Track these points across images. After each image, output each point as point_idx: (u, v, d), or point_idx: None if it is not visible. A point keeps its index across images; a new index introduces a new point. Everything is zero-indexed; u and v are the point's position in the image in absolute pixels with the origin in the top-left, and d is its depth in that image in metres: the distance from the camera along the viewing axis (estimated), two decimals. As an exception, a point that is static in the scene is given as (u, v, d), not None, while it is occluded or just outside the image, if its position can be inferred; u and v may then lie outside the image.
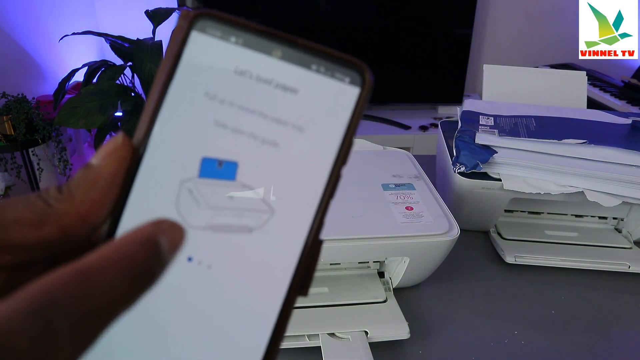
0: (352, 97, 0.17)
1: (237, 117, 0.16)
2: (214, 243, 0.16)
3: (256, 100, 0.16)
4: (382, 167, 0.61)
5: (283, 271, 0.16)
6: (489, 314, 0.54)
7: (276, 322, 0.16)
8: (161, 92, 0.16)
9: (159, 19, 1.30)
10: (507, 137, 0.63)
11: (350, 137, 0.17)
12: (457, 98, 2.00)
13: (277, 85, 0.16)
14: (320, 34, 1.93)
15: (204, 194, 0.16)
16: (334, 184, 0.17)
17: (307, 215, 0.17)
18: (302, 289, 0.17)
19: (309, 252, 0.17)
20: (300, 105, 0.16)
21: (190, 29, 0.16)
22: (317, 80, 0.16)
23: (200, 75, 0.16)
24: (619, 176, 0.57)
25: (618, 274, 0.60)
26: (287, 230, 0.16)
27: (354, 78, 0.16)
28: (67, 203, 0.15)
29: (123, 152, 0.16)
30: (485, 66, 0.82)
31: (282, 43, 0.16)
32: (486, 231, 0.68)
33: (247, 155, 0.16)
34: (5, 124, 1.36)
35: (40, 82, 1.63)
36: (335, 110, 0.17)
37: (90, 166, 0.16)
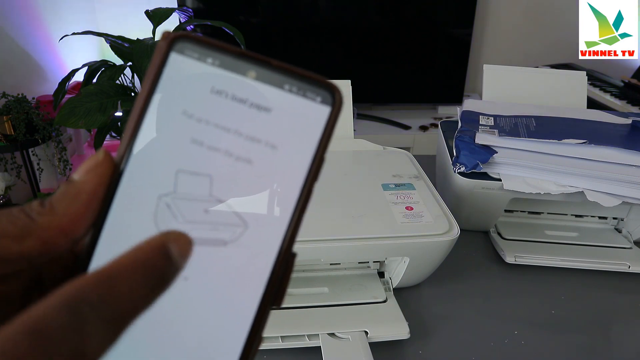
0: (323, 116, 0.17)
1: (212, 135, 0.17)
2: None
3: (231, 119, 0.17)
4: (382, 167, 0.61)
5: (256, 283, 0.17)
6: (489, 314, 0.54)
7: (249, 332, 0.17)
8: (141, 111, 0.17)
9: (158, 19, 1.30)
10: (507, 137, 0.63)
11: (321, 154, 0.17)
12: (457, 98, 2.00)
13: (251, 105, 0.17)
14: (320, 34, 1.93)
15: (181, 208, 0.17)
16: (305, 199, 0.17)
17: (279, 230, 0.17)
18: (275, 301, 0.17)
19: (281, 265, 0.17)
20: (274, 123, 0.17)
21: (169, 50, 0.17)
22: (290, 99, 0.17)
23: (178, 94, 0.17)
24: (619, 176, 0.57)
25: (618, 274, 0.60)
26: (260, 244, 0.17)
27: (325, 98, 0.17)
28: (49, 217, 0.16)
29: (104, 168, 0.17)
30: (485, 66, 0.82)
31: (256, 64, 0.17)
32: (486, 231, 0.68)
33: (222, 172, 0.17)
34: (5, 124, 1.36)
35: (40, 82, 1.63)
36: (306, 128, 0.17)
37: (72, 181, 0.17)
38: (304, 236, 0.47)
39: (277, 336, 0.47)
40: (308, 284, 0.54)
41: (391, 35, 1.94)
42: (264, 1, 1.87)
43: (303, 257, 0.49)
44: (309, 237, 0.47)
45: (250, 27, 1.87)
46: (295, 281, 0.54)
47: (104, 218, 0.17)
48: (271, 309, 0.17)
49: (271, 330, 0.47)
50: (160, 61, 0.17)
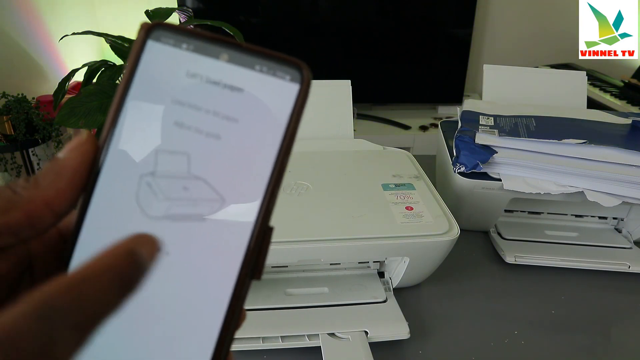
0: (292, 93, 0.18)
1: (189, 115, 0.18)
2: (171, 231, 0.18)
3: (206, 100, 0.18)
4: (382, 167, 0.61)
5: (234, 256, 0.18)
6: (489, 314, 0.54)
7: (229, 304, 0.18)
8: (122, 94, 0.18)
9: (158, 18, 1.30)
10: (507, 137, 0.63)
11: (292, 129, 0.18)
12: (457, 98, 2.00)
13: (224, 86, 0.18)
14: (320, 34, 1.93)
15: (161, 186, 0.18)
16: (279, 173, 0.18)
17: (254, 204, 0.18)
18: (254, 273, 0.18)
19: (258, 237, 0.18)
20: (246, 102, 0.18)
21: (146, 38, 0.18)
22: (261, 79, 0.18)
23: (156, 79, 0.18)
24: (619, 176, 0.57)
25: (618, 274, 0.60)
26: (236, 218, 0.18)
27: (294, 76, 0.18)
28: (33, 190, 0.17)
29: (87, 147, 0.18)
30: (485, 66, 0.82)
31: (228, 47, 0.18)
32: (486, 231, 0.68)
33: (199, 150, 0.18)
34: (5, 124, 1.36)
35: (40, 82, 1.63)
36: (277, 105, 0.18)
37: (57, 159, 0.17)
38: (304, 236, 0.47)
39: (277, 336, 0.47)
40: (308, 284, 0.54)
41: (391, 35, 1.94)
42: (264, 1, 1.87)
43: (303, 257, 0.49)
44: (309, 237, 0.47)
45: (250, 27, 1.87)
46: (295, 281, 0.54)
47: (90, 197, 0.18)
48: (250, 281, 0.18)
49: (271, 330, 0.47)
50: (138, 49, 0.18)
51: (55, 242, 0.19)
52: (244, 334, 0.46)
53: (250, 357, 0.47)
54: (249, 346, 0.46)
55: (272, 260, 0.51)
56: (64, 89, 1.27)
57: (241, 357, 0.47)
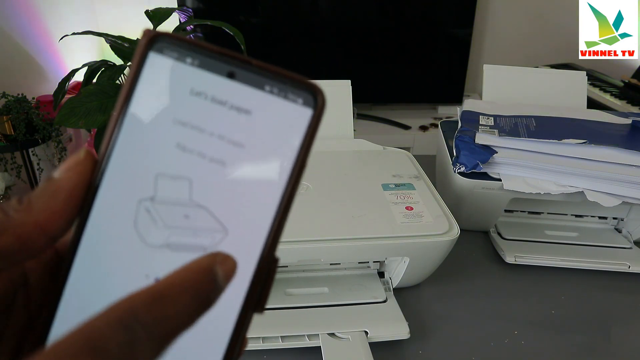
0: (305, 118, 0.17)
1: (192, 138, 0.17)
2: (170, 261, 0.17)
3: (211, 122, 0.17)
4: (382, 167, 0.61)
5: (237, 288, 0.17)
6: (489, 314, 0.54)
7: (231, 337, 0.17)
8: (121, 111, 0.17)
9: (159, 19, 1.30)
10: (507, 137, 0.63)
11: (303, 158, 0.17)
12: (457, 98, 2.00)
13: (231, 107, 0.17)
14: (320, 34, 1.93)
15: (161, 213, 0.17)
16: (287, 204, 0.17)
17: (260, 235, 0.17)
18: (257, 307, 0.17)
19: (263, 270, 0.17)
20: (254, 126, 0.17)
21: (147, 50, 0.17)
22: (271, 101, 0.17)
23: (157, 95, 0.17)
24: (619, 176, 0.57)
25: (618, 274, 0.60)
26: (240, 249, 0.17)
27: (307, 99, 0.17)
28: (25, 213, 0.16)
29: (84, 167, 0.17)
30: (485, 66, 0.82)
31: (236, 64, 0.17)
32: (486, 231, 0.68)
33: (202, 176, 0.17)
34: (5, 124, 1.36)
35: (40, 82, 1.63)
36: (288, 131, 0.17)
37: (52, 179, 0.17)
38: (304, 236, 0.47)
39: (277, 336, 0.47)
40: (308, 284, 0.54)
41: (391, 35, 1.94)
42: (264, 1, 1.87)
43: (303, 257, 0.49)
44: (309, 237, 0.47)
45: (250, 27, 1.87)
46: (295, 281, 0.54)
47: (86, 218, 0.17)
48: (253, 314, 0.17)
49: (271, 330, 0.47)
50: (139, 61, 0.17)
51: (51, 259, 0.18)
52: (244, 334, 0.46)
53: (250, 357, 0.47)
54: (249, 346, 0.46)
55: (272, 260, 0.51)
56: (64, 89, 1.27)
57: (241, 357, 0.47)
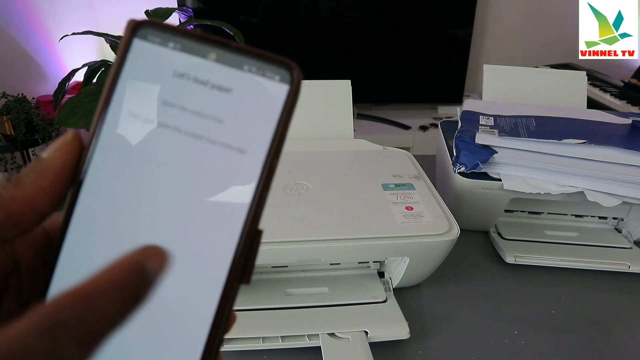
0: (282, 93, 0.18)
1: (175, 116, 0.18)
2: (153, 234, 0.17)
3: (194, 101, 0.18)
4: (382, 167, 0.61)
5: (222, 259, 0.17)
6: (489, 314, 0.54)
7: (217, 307, 0.17)
8: (107, 95, 0.18)
9: (159, 18, 1.30)
10: (507, 137, 0.63)
11: (281, 131, 0.18)
12: (457, 98, 2.00)
13: (212, 86, 0.18)
14: (320, 34, 1.92)
15: (146, 189, 0.18)
16: (267, 176, 0.18)
17: (242, 207, 0.18)
18: (243, 277, 0.18)
19: (247, 241, 0.18)
20: (235, 103, 0.18)
21: (132, 36, 0.18)
22: (250, 79, 0.18)
23: (142, 78, 0.18)
24: (619, 176, 0.57)
25: (618, 274, 0.60)
26: (223, 222, 0.18)
27: (284, 76, 0.18)
28: (14, 190, 0.16)
29: (72, 147, 0.18)
30: (485, 66, 0.82)
31: (216, 46, 0.18)
32: (486, 231, 0.68)
33: (185, 152, 0.18)
34: (5, 124, 1.36)
35: (40, 82, 1.63)
36: (267, 106, 0.18)
37: (40, 158, 0.17)
38: (304, 236, 0.47)
39: (277, 336, 0.47)
40: (308, 284, 0.54)
41: (391, 35, 1.94)
42: (264, 1, 1.87)
43: (303, 257, 0.49)
44: (309, 237, 0.47)
45: (250, 27, 1.87)
46: (295, 281, 0.54)
47: (75, 200, 0.18)
48: (239, 285, 0.18)
49: (271, 330, 0.47)
50: (124, 47, 0.18)
51: (41, 243, 0.19)
52: (244, 334, 0.46)
53: (250, 357, 0.47)
54: (249, 346, 0.46)
55: (272, 260, 0.51)
56: (64, 89, 1.27)
57: (241, 357, 0.47)
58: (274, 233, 0.47)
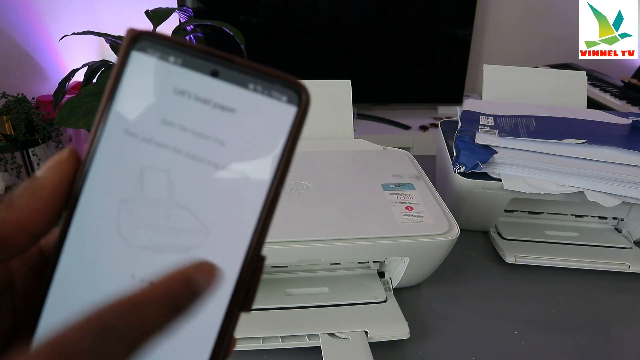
0: (289, 116, 0.17)
1: (175, 137, 0.17)
2: (154, 261, 0.17)
3: (194, 120, 0.17)
4: (382, 167, 0.61)
5: (223, 287, 0.17)
6: (489, 314, 0.54)
7: (218, 336, 0.17)
8: (104, 110, 0.17)
9: (158, 19, 1.30)
10: (507, 137, 0.63)
11: (287, 156, 0.17)
12: (457, 98, 2.00)
13: (215, 105, 0.17)
14: (320, 34, 1.92)
15: (142, 214, 0.17)
16: (272, 203, 0.17)
17: (244, 234, 0.17)
18: (244, 306, 0.17)
19: (248, 269, 0.17)
20: (238, 124, 0.17)
21: (130, 49, 0.17)
22: (254, 99, 0.17)
23: (140, 94, 0.17)
24: (619, 176, 0.57)
25: (618, 274, 0.60)
26: (224, 249, 0.17)
27: (291, 97, 0.17)
28: (6, 211, 0.16)
29: (67, 165, 0.17)
30: (485, 66, 0.82)
31: (219, 63, 0.17)
32: (486, 231, 0.68)
33: (185, 175, 0.17)
34: (5, 124, 1.36)
35: (40, 82, 1.63)
36: (272, 129, 0.17)
37: (34, 177, 0.17)
38: (304, 236, 0.47)
39: (277, 336, 0.47)
40: (308, 284, 0.54)
41: (391, 35, 1.94)
42: (264, 1, 1.87)
43: (303, 257, 0.49)
44: (309, 237, 0.47)
45: (250, 27, 1.87)
46: (295, 281, 0.54)
47: (71, 218, 0.17)
48: (240, 313, 0.17)
49: (271, 330, 0.47)
50: (121, 60, 0.17)
51: (36, 261, 0.18)
52: (244, 334, 0.46)
53: (250, 357, 0.47)
54: (249, 346, 0.46)
55: (272, 260, 0.51)
56: (64, 89, 1.27)
57: (241, 357, 0.47)
58: (274, 233, 0.46)
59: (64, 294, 0.17)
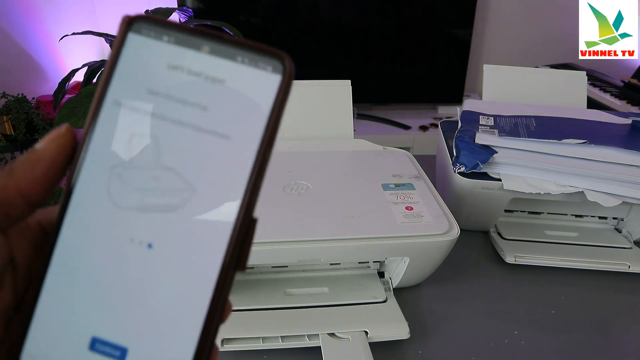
0: (274, 84, 0.18)
1: (170, 108, 0.18)
2: (150, 224, 0.18)
3: (187, 92, 0.18)
4: (382, 167, 0.61)
5: (216, 247, 0.18)
6: (489, 314, 0.54)
7: (212, 297, 0.18)
8: (103, 88, 0.18)
9: (159, 19, 1.30)
10: (507, 137, 0.63)
11: (274, 120, 0.18)
12: (457, 98, 2.00)
13: (206, 78, 0.18)
14: (320, 34, 1.92)
15: (139, 180, 0.18)
16: (261, 166, 0.18)
17: (236, 195, 0.18)
18: (238, 265, 0.18)
19: (240, 229, 0.18)
20: (228, 93, 0.18)
21: (126, 31, 0.18)
22: (242, 70, 0.18)
23: (137, 71, 0.18)
24: (619, 176, 0.57)
25: (618, 274, 0.60)
26: (218, 210, 0.18)
27: (276, 66, 0.18)
28: (7, 179, 0.17)
29: (65, 139, 0.18)
30: (485, 66, 0.82)
31: (209, 39, 0.18)
32: (486, 231, 0.68)
33: (179, 142, 0.18)
34: (5, 124, 1.36)
35: (40, 82, 1.63)
36: (259, 96, 0.18)
37: (33, 149, 0.18)
38: (304, 236, 0.47)
39: (277, 336, 0.47)
40: (308, 284, 0.54)
41: (391, 35, 1.94)
42: (264, 1, 1.87)
43: (303, 257, 0.49)
44: (309, 237, 0.47)
45: (250, 27, 1.87)
46: (295, 281, 0.54)
47: (70, 192, 0.18)
48: (234, 273, 0.18)
49: (271, 330, 0.47)
50: (119, 42, 0.18)
51: (37, 236, 0.19)
52: (244, 334, 0.46)
53: (250, 357, 0.47)
54: (249, 346, 0.46)
55: (272, 260, 0.51)
56: (64, 89, 1.27)
57: (241, 357, 0.47)
58: (274, 233, 0.47)
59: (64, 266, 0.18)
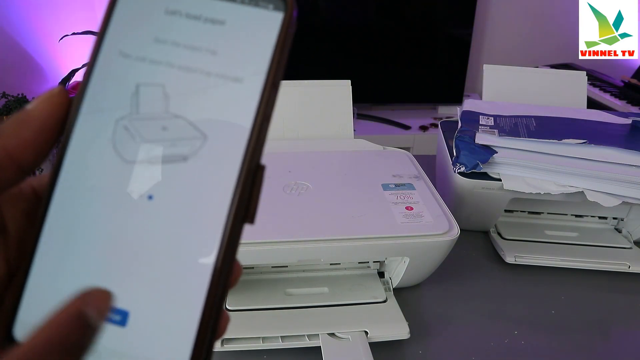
0: (276, 21, 0.17)
1: (169, 53, 0.17)
2: (152, 174, 0.17)
3: (187, 35, 0.18)
4: (382, 167, 0.61)
5: (223, 197, 0.17)
6: (489, 314, 0.54)
7: (222, 246, 0.16)
8: (100, 38, 0.18)
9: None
10: (507, 137, 0.63)
11: (278, 58, 0.17)
12: (457, 98, 2.00)
13: (205, 20, 0.18)
14: (320, 34, 1.92)
15: (140, 128, 0.17)
16: (266, 106, 0.17)
17: (241, 141, 0.17)
18: (246, 216, 0.17)
19: (247, 177, 0.17)
20: (229, 34, 0.18)
21: None
22: (243, 10, 0.18)
23: (134, 17, 0.18)
24: (619, 176, 0.57)
25: (618, 274, 0.60)
26: (221, 156, 0.17)
27: (277, 4, 0.18)
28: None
29: (57, 99, 0.17)
30: (485, 66, 0.82)
31: None
32: (486, 231, 0.68)
33: (180, 87, 0.17)
34: (5, 124, 1.36)
35: (40, 82, 1.63)
36: (261, 35, 0.17)
37: (24, 109, 0.16)
38: (304, 236, 0.47)
39: (277, 336, 0.47)
40: (308, 284, 0.54)
41: (391, 35, 1.94)
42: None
43: (303, 257, 0.49)
44: (309, 237, 0.47)
45: (250, 27, 1.87)
46: (295, 281, 0.54)
47: (65, 150, 0.17)
48: (243, 225, 0.17)
49: (271, 330, 0.47)
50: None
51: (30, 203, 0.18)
52: (244, 334, 0.46)
53: (250, 357, 0.47)
54: (249, 346, 0.46)
55: (272, 260, 0.51)
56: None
57: (241, 357, 0.47)
58: (274, 233, 0.47)
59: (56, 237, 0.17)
